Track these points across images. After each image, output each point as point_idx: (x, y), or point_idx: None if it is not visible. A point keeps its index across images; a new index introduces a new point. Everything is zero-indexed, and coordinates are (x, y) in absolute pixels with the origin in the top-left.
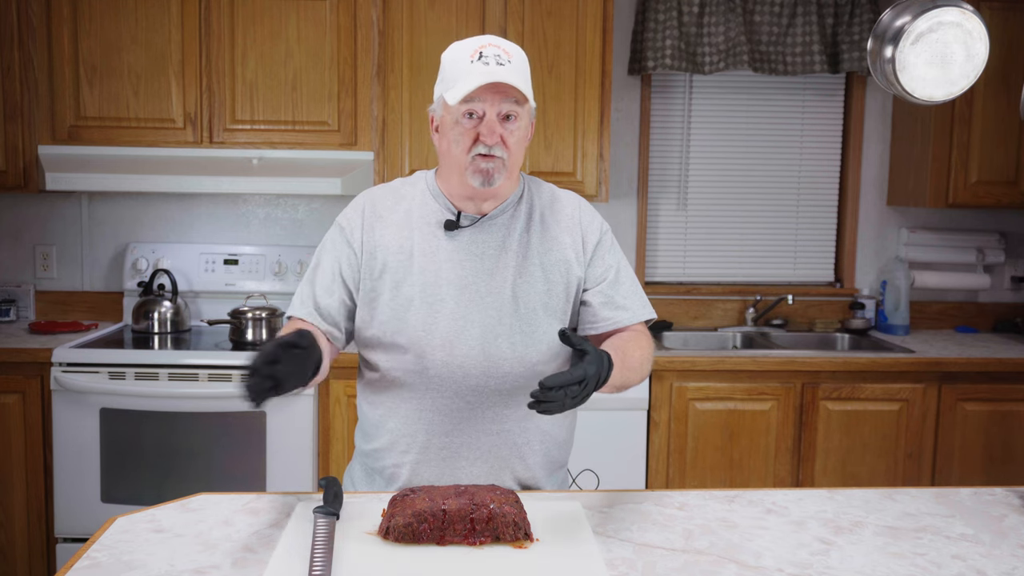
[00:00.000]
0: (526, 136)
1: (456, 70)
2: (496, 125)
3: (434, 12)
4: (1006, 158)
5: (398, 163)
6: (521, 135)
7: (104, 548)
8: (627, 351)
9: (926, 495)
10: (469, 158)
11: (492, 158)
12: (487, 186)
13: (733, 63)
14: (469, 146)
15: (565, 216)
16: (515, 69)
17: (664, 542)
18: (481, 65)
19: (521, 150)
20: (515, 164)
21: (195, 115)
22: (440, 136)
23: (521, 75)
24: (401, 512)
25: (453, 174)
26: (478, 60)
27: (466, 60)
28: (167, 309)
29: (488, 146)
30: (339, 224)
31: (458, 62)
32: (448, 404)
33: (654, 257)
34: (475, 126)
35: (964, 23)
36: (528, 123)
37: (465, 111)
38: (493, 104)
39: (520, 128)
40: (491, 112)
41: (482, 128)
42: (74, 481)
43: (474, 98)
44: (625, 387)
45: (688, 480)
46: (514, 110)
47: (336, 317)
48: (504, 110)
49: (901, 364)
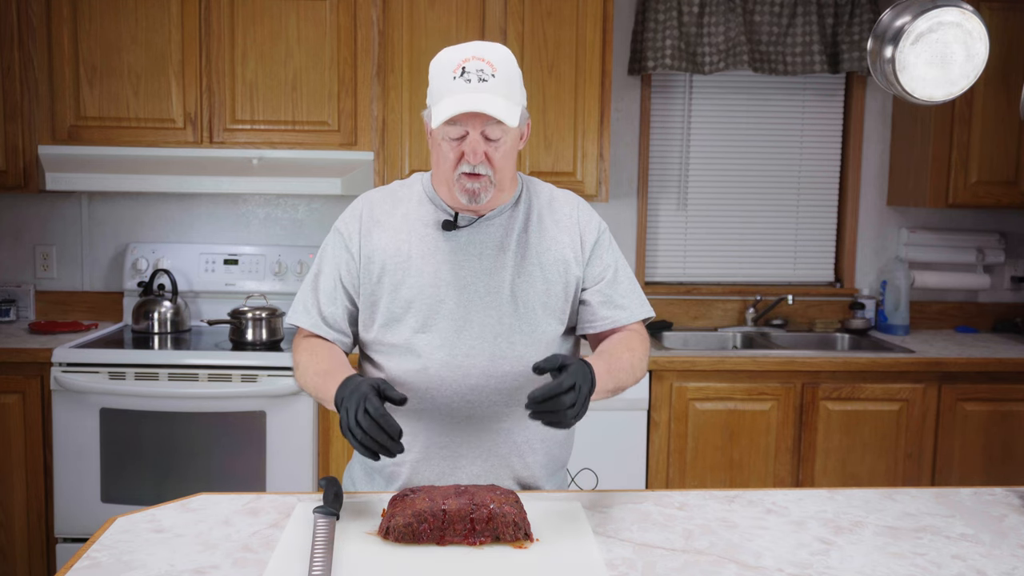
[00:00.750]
0: (515, 147)
1: (439, 86)
2: (480, 144)
3: (434, 12)
4: (1006, 158)
5: (398, 163)
6: (508, 149)
7: (104, 548)
8: (615, 354)
9: (926, 495)
10: (455, 176)
11: (477, 177)
12: (474, 203)
13: (733, 63)
14: (454, 164)
15: (563, 216)
16: (498, 84)
17: (664, 542)
18: (463, 83)
19: (509, 162)
20: (504, 177)
21: (195, 115)
22: (431, 145)
23: (505, 89)
24: (401, 512)
25: (443, 186)
26: (460, 77)
27: (448, 76)
28: (167, 309)
29: (472, 164)
30: (337, 230)
31: (441, 77)
32: (448, 403)
33: (654, 257)
34: (459, 144)
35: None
36: (516, 136)
37: (448, 132)
38: (475, 125)
39: (505, 144)
40: (474, 132)
41: (465, 147)
42: (74, 481)
43: (455, 121)
44: (620, 389)
45: (688, 480)
46: (497, 130)
47: (342, 324)
48: (487, 130)
49: (901, 364)
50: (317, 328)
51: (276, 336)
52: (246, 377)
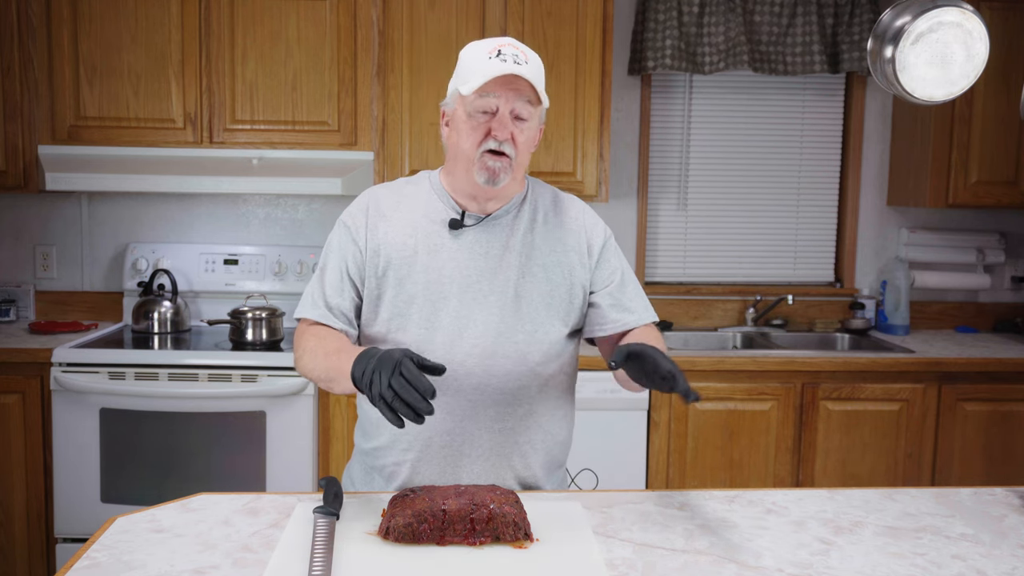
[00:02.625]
0: (534, 139)
1: (473, 66)
2: (508, 121)
3: (434, 12)
4: (1006, 158)
5: (398, 163)
6: (530, 135)
7: (104, 548)
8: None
9: (926, 495)
10: (478, 153)
11: (500, 156)
12: (492, 185)
13: (733, 63)
14: (480, 140)
15: (569, 219)
16: (532, 70)
17: (664, 542)
18: (499, 62)
19: (528, 152)
20: (521, 165)
21: (195, 115)
22: (451, 130)
23: (537, 76)
24: (401, 512)
25: (459, 168)
26: (496, 57)
27: (484, 57)
28: (167, 309)
29: (499, 141)
30: (343, 222)
31: (476, 59)
32: (450, 402)
33: (654, 257)
34: (487, 121)
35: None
36: (537, 126)
37: (479, 105)
38: (507, 100)
39: (530, 128)
40: (504, 108)
41: (494, 123)
42: (74, 481)
43: (489, 92)
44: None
45: (688, 480)
46: (527, 110)
47: (349, 315)
48: (517, 108)
49: (901, 364)
50: (324, 318)
51: (276, 336)
52: (246, 377)
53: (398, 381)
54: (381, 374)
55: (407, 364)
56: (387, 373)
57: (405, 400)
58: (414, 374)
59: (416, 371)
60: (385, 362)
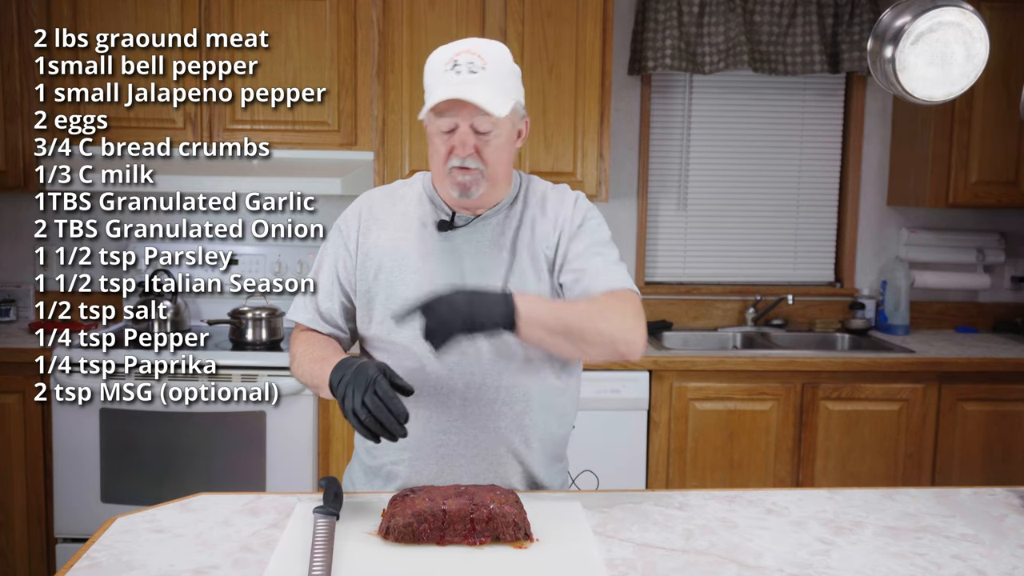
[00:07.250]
0: (509, 142)
1: (431, 80)
2: (469, 137)
3: (434, 12)
4: (1006, 158)
5: (398, 163)
6: (500, 143)
7: (104, 548)
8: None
9: (926, 495)
10: (446, 170)
11: (468, 171)
12: (465, 198)
13: (733, 63)
14: (445, 158)
15: (550, 210)
16: (489, 76)
17: (664, 542)
18: (453, 75)
19: (503, 156)
20: (497, 172)
21: (195, 115)
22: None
23: (496, 81)
24: (401, 512)
25: (438, 181)
26: (451, 69)
27: (440, 69)
28: (167, 309)
29: (461, 158)
30: (338, 227)
31: (434, 72)
32: (445, 401)
33: (654, 257)
34: (450, 138)
35: (964, 23)
36: (510, 130)
37: (439, 125)
38: (464, 117)
39: (498, 138)
40: (464, 124)
41: (455, 140)
42: (74, 481)
43: (443, 112)
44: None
45: (688, 480)
46: (486, 123)
47: (337, 320)
48: (476, 123)
49: (901, 364)
50: (313, 323)
51: (276, 336)
52: (246, 377)
53: (372, 400)
54: (354, 390)
55: (381, 383)
56: (359, 391)
57: (379, 420)
58: (388, 395)
59: (390, 391)
60: (359, 377)
